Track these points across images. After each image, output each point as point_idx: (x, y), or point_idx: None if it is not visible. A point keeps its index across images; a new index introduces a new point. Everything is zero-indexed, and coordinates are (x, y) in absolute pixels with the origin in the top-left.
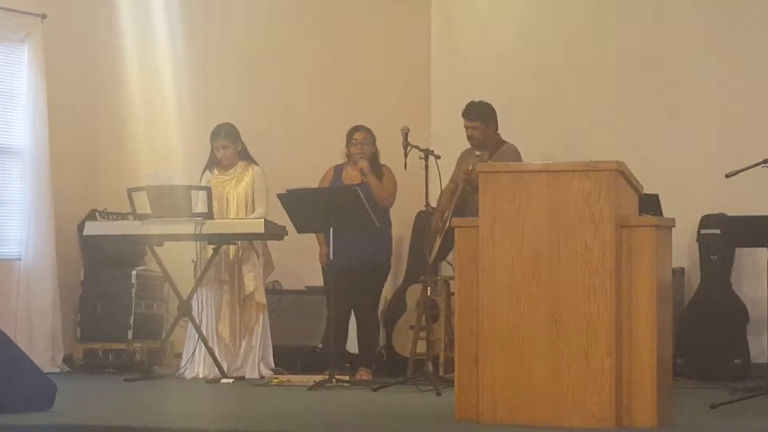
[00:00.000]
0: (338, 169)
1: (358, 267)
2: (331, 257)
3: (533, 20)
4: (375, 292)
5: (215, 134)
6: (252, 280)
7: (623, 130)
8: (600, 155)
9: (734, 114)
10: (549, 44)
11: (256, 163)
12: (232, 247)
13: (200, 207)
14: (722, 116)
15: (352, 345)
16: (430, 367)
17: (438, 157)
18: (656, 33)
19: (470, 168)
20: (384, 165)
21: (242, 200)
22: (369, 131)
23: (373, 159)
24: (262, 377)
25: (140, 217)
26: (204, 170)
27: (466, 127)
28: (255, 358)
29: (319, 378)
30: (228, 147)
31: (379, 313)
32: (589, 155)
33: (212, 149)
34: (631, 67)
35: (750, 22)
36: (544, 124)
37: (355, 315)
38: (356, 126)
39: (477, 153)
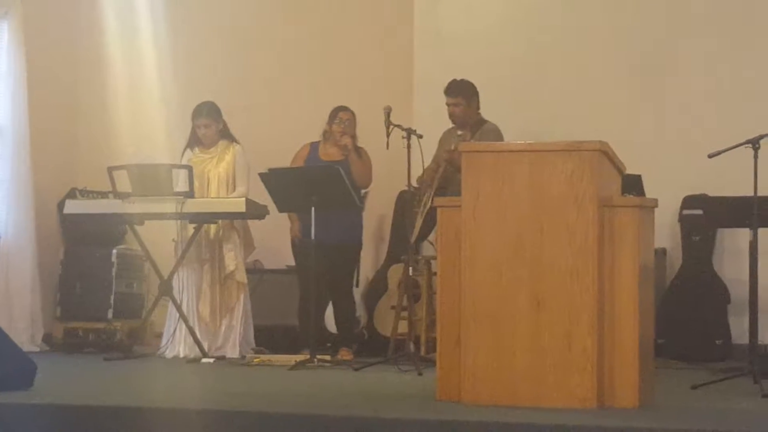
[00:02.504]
0: (314, 146)
1: (334, 246)
2: (313, 236)
3: (517, 0)
4: (350, 271)
5: (197, 113)
6: (233, 260)
7: (606, 110)
8: (583, 135)
9: (717, 94)
10: (533, 25)
11: (237, 142)
12: (212, 227)
13: (181, 186)
14: (705, 96)
15: (333, 324)
16: (412, 347)
17: (420, 136)
18: (642, 14)
19: (453, 148)
20: (361, 147)
21: (223, 179)
22: (353, 113)
23: (353, 141)
24: (242, 357)
25: (121, 196)
26: (185, 149)
27: (448, 105)
28: (236, 338)
29: (300, 357)
30: (210, 126)
31: (360, 292)
32: (572, 135)
33: (193, 127)
34: (615, 47)
35: (737, 2)
36: (527, 104)
37: (330, 295)
38: (342, 106)
39: (459, 132)
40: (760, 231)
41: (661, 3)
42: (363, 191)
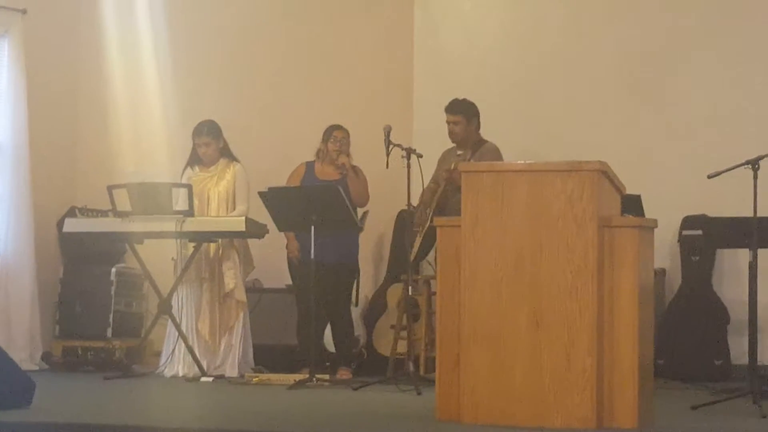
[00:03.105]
0: (310, 166)
1: (332, 266)
2: (312, 256)
3: (516, 19)
4: (347, 291)
5: (197, 131)
6: (232, 278)
7: (606, 130)
8: (582, 155)
9: (717, 115)
10: (532, 44)
11: (237, 161)
12: (212, 245)
13: (181, 204)
14: (705, 117)
15: (331, 344)
16: (411, 366)
17: (420, 155)
18: (640, 33)
19: (452, 167)
20: (356, 166)
21: (223, 198)
22: (347, 131)
23: (350, 159)
24: (242, 376)
25: (120, 215)
26: (185, 167)
27: (448, 122)
28: (235, 357)
29: (299, 377)
30: (210, 144)
31: (360, 312)
32: (571, 155)
33: (194, 146)
34: (614, 67)
35: (737, 23)
36: (526, 123)
37: (327, 315)
38: (336, 124)
39: (459, 152)
40: (760, 252)
41: (660, 23)
42: (363, 211)
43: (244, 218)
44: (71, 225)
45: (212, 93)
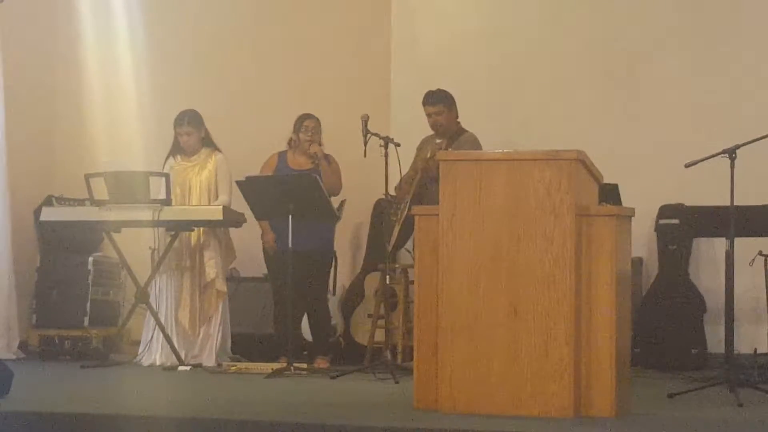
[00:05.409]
0: (282, 156)
1: (307, 254)
2: (290, 245)
3: (494, 10)
4: (324, 279)
5: (179, 121)
6: (213, 268)
7: (583, 119)
8: (560, 144)
9: (694, 104)
10: (510, 34)
11: (219, 150)
12: (193, 234)
13: (161, 193)
14: (682, 106)
15: (309, 333)
16: (389, 355)
17: (398, 145)
18: (617, 24)
19: (428, 156)
20: (329, 155)
21: (205, 187)
22: (318, 120)
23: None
24: (219, 365)
25: (98, 203)
26: (167, 157)
27: (429, 115)
28: (213, 346)
29: (277, 366)
30: (192, 134)
31: (337, 301)
32: (549, 144)
33: (175, 136)
34: (591, 57)
35: (712, 13)
36: (504, 113)
37: (304, 303)
38: (306, 114)
39: (437, 141)
40: (736, 241)
41: (637, 14)
42: (341, 200)
43: (221, 207)
44: (48, 214)
45: (188, 82)
